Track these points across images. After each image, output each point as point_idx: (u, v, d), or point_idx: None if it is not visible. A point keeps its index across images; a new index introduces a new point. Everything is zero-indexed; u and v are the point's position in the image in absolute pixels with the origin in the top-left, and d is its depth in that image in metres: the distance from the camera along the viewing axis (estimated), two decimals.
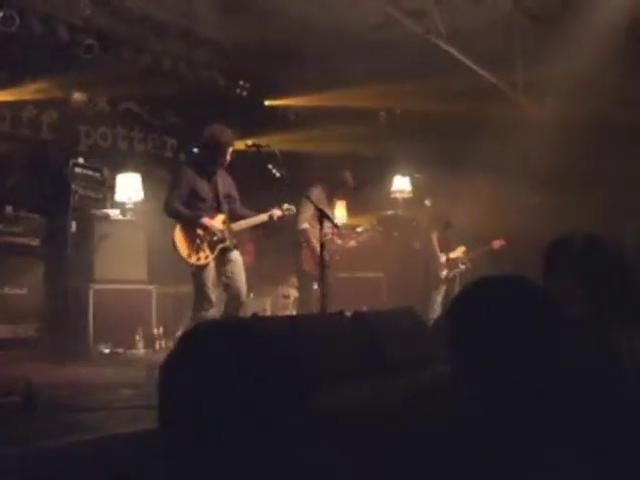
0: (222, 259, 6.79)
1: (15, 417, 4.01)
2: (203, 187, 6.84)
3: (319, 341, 4.51)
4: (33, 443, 3.21)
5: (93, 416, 4.06)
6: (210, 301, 6.67)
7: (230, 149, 6.88)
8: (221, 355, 1.49)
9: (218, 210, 6.89)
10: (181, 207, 6.71)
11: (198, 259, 6.64)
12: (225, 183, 7.03)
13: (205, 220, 6.69)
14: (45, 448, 3.17)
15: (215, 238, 6.71)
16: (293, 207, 7.25)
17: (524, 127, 9.75)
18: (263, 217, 7.05)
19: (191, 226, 6.68)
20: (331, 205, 8.78)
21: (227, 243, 6.78)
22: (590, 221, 7.22)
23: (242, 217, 7.07)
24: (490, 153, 9.41)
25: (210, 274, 6.69)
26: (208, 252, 6.67)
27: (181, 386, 1.50)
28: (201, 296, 6.67)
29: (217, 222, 6.81)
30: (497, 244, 9.63)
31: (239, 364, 1.48)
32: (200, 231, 6.67)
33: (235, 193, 7.14)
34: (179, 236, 6.67)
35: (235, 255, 6.90)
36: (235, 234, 6.94)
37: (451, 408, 2.11)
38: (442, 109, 9.92)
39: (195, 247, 6.64)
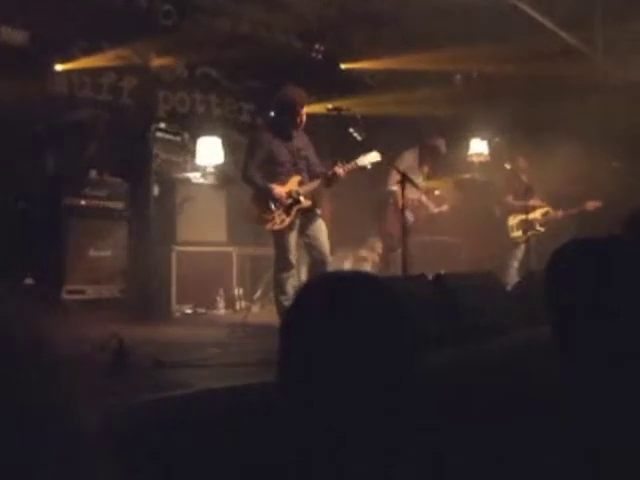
0: (302, 220, 6.72)
1: (108, 373, 4.10)
2: (280, 150, 6.74)
3: (402, 301, 4.54)
4: (130, 398, 3.27)
5: (185, 373, 4.16)
6: (290, 263, 6.65)
7: (304, 108, 6.74)
8: (341, 308, 1.51)
9: (297, 172, 6.79)
10: (256, 176, 6.65)
11: (274, 224, 6.60)
12: (302, 144, 6.90)
13: (276, 192, 6.59)
14: (140, 403, 3.23)
15: (289, 201, 6.62)
16: (376, 155, 6.75)
17: (605, 89, 9.54)
18: (327, 175, 6.76)
19: (264, 195, 6.64)
20: (421, 170, 8.78)
21: (303, 204, 6.67)
22: None
23: (314, 175, 6.90)
24: (570, 116, 9.24)
25: (290, 236, 6.64)
26: (284, 216, 6.60)
27: (301, 338, 1.52)
28: (281, 259, 6.66)
29: (292, 184, 6.72)
30: (592, 205, 9.39)
31: (360, 317, 1.50)
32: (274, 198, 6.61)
33: (312, 153, 7.00)
34: (253, 205, 6.70)
35: (315, 215, 6.84)
36: (311, 194, 6.82)
37: (547, 373, 2.10)
38: (520, 71, 9.77)
39: (271, 213, 6.59)
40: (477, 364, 4.01)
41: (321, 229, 6.80)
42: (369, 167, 6.80)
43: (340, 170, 6.66)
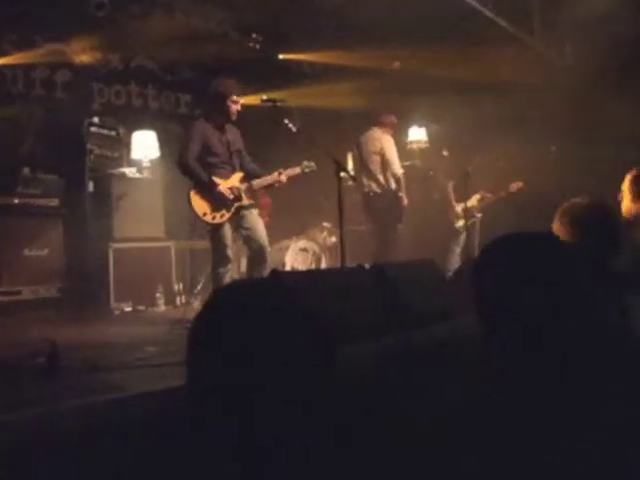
0: (238, 214, 6.78)
1: (41, 379, 4.01)
2: (215, 142, 6.81)
3: (340, 295, 4.53)
4: (59, 404, 3.20)
5: (119, 375, 4.07)
6: (227, 258, 6.71)
7: (234, 99, 6.81)
8: (249, 314, 1.49)
9: (231, 165, 6.88)
10: (197, 167, 6.69)
11: (214, 218, 6.64)
12: (235, 138, 7.00)
13: (220, 187, 6.66)
14: (71, 408, 3.17)
15: (232, 197, 6.69)
16: (313, 164, 7.14)
17: (542, 75, 9.61)
18: (273, 177, 7.01)
19: (207, 188, 6.66)
20: None
21: (243, 202, 6.78)
22: (600, 173, 7.16)
23: (251, 172, 7.05)
24: (508, 101, 9.30)
25: (227, 231, 6.72)
26: (224, 211, 6.66)
27: (210, 347, 1.50)
28: (218, 253, 6.71)
29: (234, 180, 6.82)
30: (514, 187, 9.56)
31: (266, 323, 1.48)
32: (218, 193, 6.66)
33: (243, 147, 7.11)
34: (195, 195, 6.68)
35: (250, 207, 6.90)
36: (252, 192, 6.94)
37: (476, 364, 2.12)
38: (458, 58, 9.78)
39: (211, 206, 6.64)
40: (414, 353, 4.02)
41: (257, 220, 6.88)
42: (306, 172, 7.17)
43: (283, 178, 6.98)
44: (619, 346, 1.76)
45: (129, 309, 7.99)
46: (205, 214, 6.64)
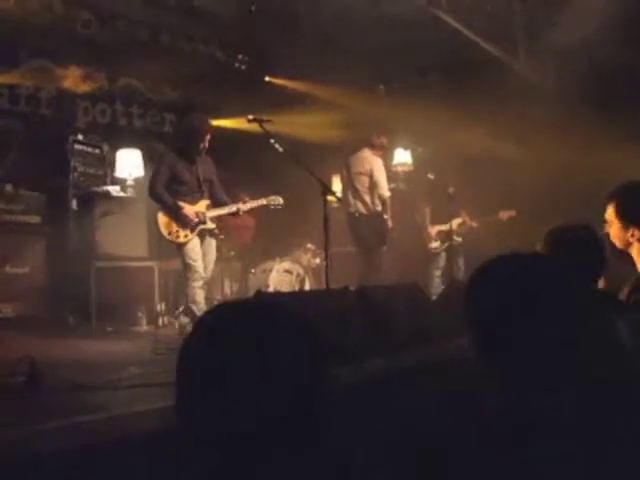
0: (203, 237, 7.22)
1: (20, 397, 3.96)
2: (184, 172, 7.21)
3: (325, 316, 4.50)
4: (40, 424, 3.15)
5: (101, 395, 4.04)
6: (196, 273, 7.08)
7: (207, 136, 7.21)
8: (241, 335, 1.46)
9: (199, 193, 7.27)
10: (164, 194, 7.10)
11: (177, 237, 7.07)
12: (206, 168, 7.37)
13: (185, 210, 7.06)
14: (53, 429, 3.12)
15: (196, 221, 7.08)
16: (280, 199, 7.55)
17: (527, 98, 9.64)
18: (231, 209, 7.40)
19: (173, 212, 7.06)
20: None
21: (208, 225, 7.19)
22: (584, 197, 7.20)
23: (219, 203, 7.43)
24: (494, 124, 9.32)
25: (193, 246, 7.09)
26: (188, 231, 7.07)
27: (199, 367, 1.48)
28: (187, 270, 7.11)
29: (199, 206, 7.21)
30: (506, 215, 9.53)
31: (257, 342, 1.46)
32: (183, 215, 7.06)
33: (215, 178, 7.47)
34: (162, 217, 7.12)
35: (212, 237, 7.35)
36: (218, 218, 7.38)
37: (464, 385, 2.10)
38: (443, 81, 9.83)
39: (175, 227, 7.06)
40: (398, 375, 4.00)
41: (211, 251, 7.38)
42: (271, 207, 7.61)
43: (244, 208, 7.44)
44: (620, 362, 1.75)
45: (111, 328, 7.89)
46: (170, 233, 7.10)
